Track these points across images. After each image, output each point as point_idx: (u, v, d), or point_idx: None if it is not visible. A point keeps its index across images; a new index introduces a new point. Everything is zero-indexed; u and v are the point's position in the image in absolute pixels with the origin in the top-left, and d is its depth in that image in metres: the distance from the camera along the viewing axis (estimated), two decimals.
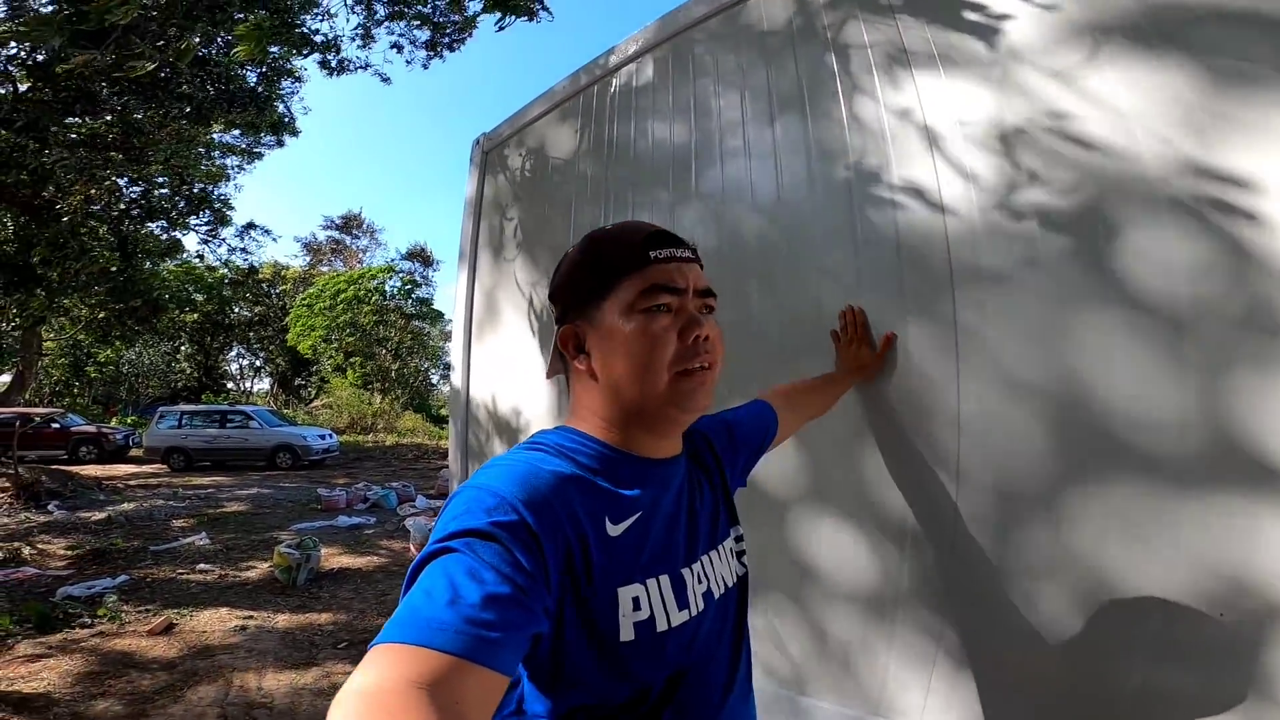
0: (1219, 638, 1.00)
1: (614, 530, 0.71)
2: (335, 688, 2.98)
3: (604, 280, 0.76)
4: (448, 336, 28.26)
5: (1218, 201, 1.04)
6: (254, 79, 7.45)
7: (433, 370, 28.73)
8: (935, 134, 1.39)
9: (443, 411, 25.91)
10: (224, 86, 6.93)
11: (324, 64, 5.89)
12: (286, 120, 8.52)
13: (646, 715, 0.70)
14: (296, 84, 8.36)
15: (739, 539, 0.89)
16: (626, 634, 0.67)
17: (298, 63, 7.84)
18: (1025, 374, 1.23)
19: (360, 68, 6.15)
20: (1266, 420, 0.98)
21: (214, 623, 4.02)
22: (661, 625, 0.70)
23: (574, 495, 0.69)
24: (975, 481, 1.27)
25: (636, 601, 0.69)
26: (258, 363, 30.29)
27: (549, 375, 0.86)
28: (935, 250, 1.36)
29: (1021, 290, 1.24)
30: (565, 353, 0.80)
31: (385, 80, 6.76)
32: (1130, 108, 1.14)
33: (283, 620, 4.10)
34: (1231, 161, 1.03)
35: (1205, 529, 1.02)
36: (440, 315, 26.96)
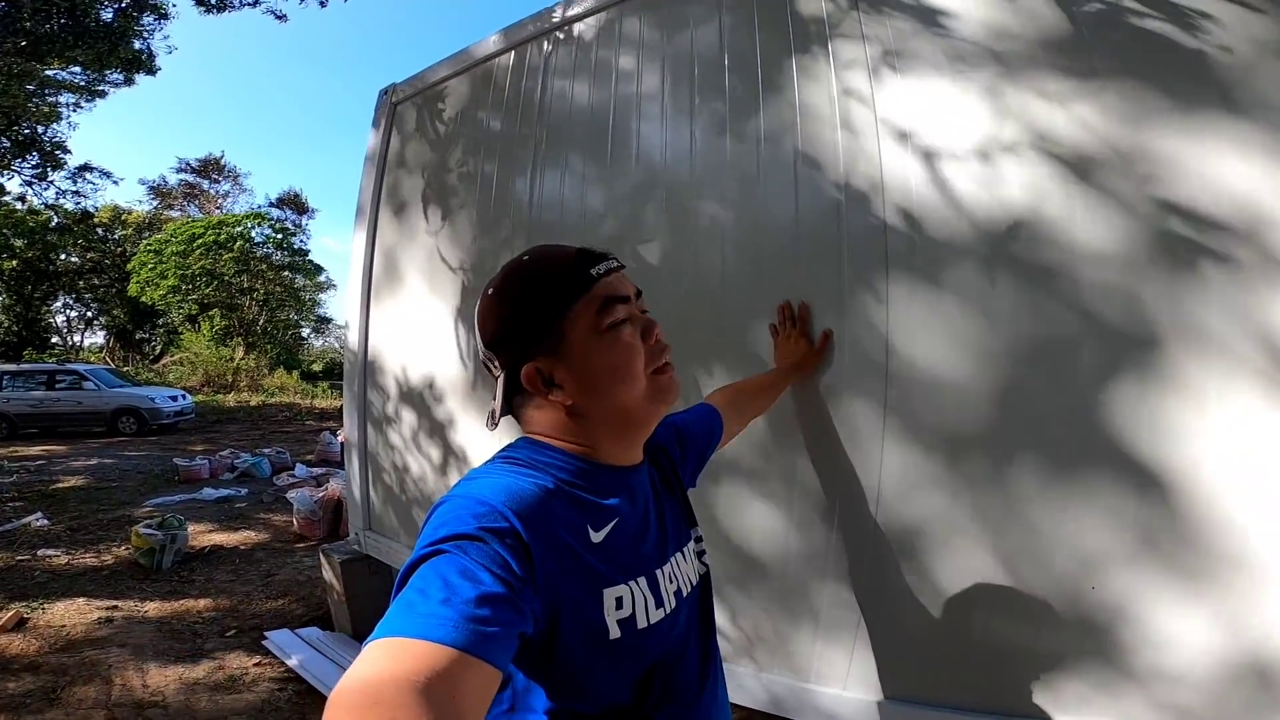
0: (1090, 605, 1.24)
1: (596, 537, 0.74)
2: (235, 682, 2.86)
3: (556, 311, 0.77)
4: (322, 288, 26.42)
5: (1126, 221, 1.22)
6: (109, 14, 6.46)
7: (304, 324, 26.85)
8: (883, 127, 1.49)
9: (315, 368, 24.37)
10: (70, 20, 5.95)
11: (200, 0, 5.21)
12: (145, 57, 7.46)
13: (632, 708, 0.74)
14: (160, 20, 7.31)
15: (698, 539, 0.95)
16: (614, 632, 0.71)
17: None
18: (947, 371, 1.39)
19: (249, 4, 5.50)
20: (1140, 423, 1.20)
21: (72, 615, 3.67)
22: (642, 623, 0.75)
23: (557, 507, 0.72)
24: (896, 470, 1.44)
25: (620, 601, 0.73)
26: (89, 314, 26.86)
27: (495, 423, 0.82)
28: (874, 248, 1.48)
29: (948, 293, 1.39)
30: (535, 392, 0.78)
31: (280, 18, 6.09)
32: (1058, 127, 1.30)
33: (153, 609, 3.80)
34: (1142, 187, 1.21)
35: (1084, 515, 1.24)
36: (317, 267, 25.13)
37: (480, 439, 2.35)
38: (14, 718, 2.56)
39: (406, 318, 2.76)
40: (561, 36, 2.25)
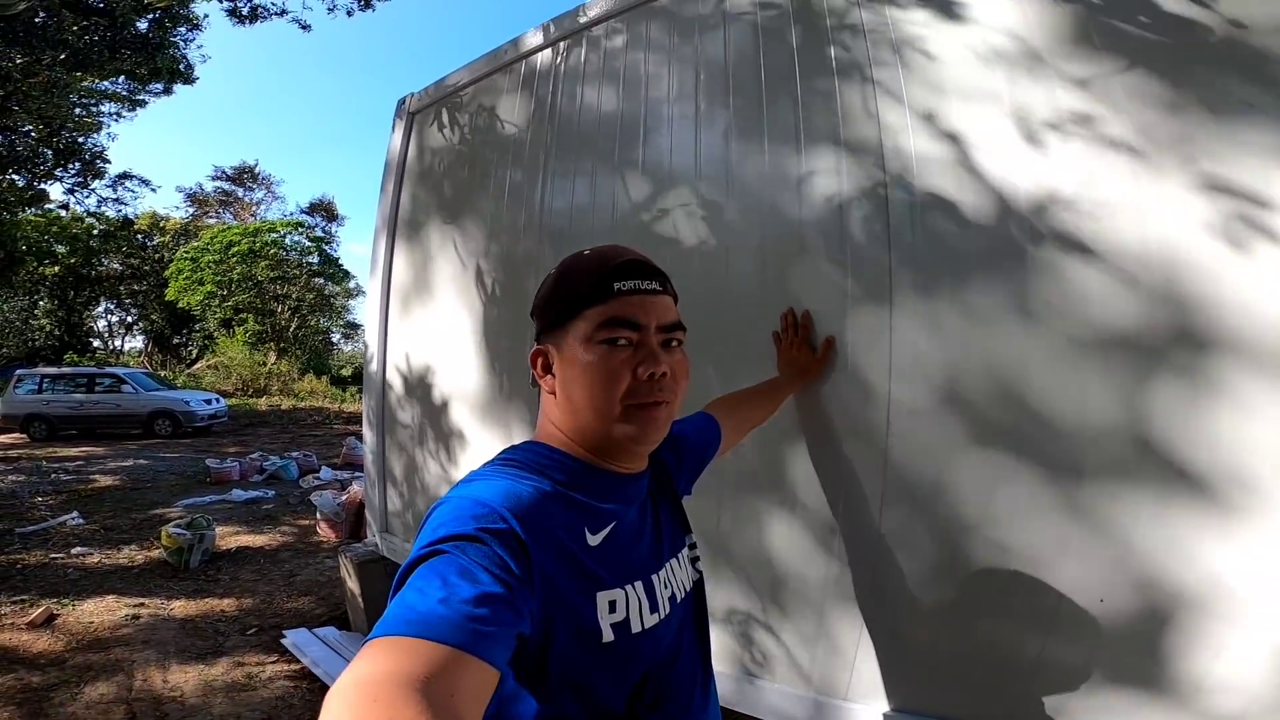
0: (1099, 617, 1.20)
1: (593, 540, 0.75)
2: (252, 680, 2.90)
3: (568, 308, 0.78)
4: (351, 294, 26.95)
5: (1149, 221, 1.17)
6: (144, 25, 6.69)
7: (334, 329, 27.44)
8: (889, 136, 1.47)
9: (344, 373, 24.83)
10: (109, 33, 6.17)
11: (233, 11, 5.38)
12: (182, 68, 7.73)
13: (625, 713, 0.74)
14: (195, 30, 7.57)
15: (692, 547, 0.95)
16: (607, 636, 0.71)
17: (199, 8, 7.13)
18: (952, 379, 1.35)
19: (276, 14, 5.68)
20: (1164, 436, 1.15)
21: (100, 612, 3.76)
22: (636, 627, 0.74)
23: (554, 509, 0.72)
24: (900, 479, 1.41)
25: (613, 605, 0.73)
26: (129, 319, 27.70)
27: (533, 385, 0.88)
28: (878, 256, 1.46)
29: (953, 300, 1.36)
30: (534, 368, 0.83)
31: (305, 28, 6.27)
32: (1076, 123, 1.25)
33: (179, 607, 3.89)
34: (1164, 187, 1.16)
35: (1094, 524, 1.20)
36: (347, 274, 25.66)
37: (493, 446, 2.35)
38: (35, 710, 2.63)
39: (424, 326, 2.79)
40: (577, 43, 2.25)
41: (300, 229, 24.42)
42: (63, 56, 6.35)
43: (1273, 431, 1.06)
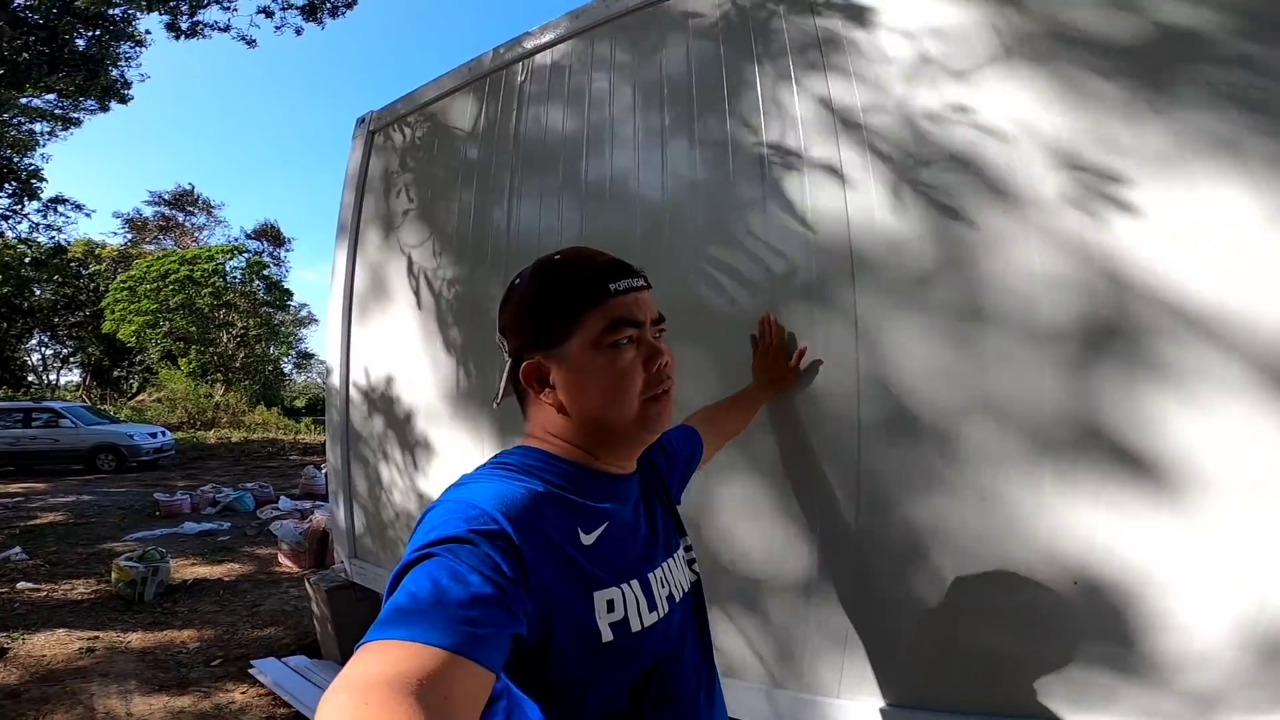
0: (1072, 602, 1.26)
1: (587, 540, 0.75)
2: (222, 711, 2.84)
3: (565, 317, 0.78)
4: (302, 322, 26.30)
5: (1090, 216, 1.27)
6: (83, 42, 6.54)
7: (285, 359, 26.66)
8: (843, 139, 1.56)
9: (297, 403, 24.16)
10: (45, 49, 6.01)
11: (171, 26, 5.32)
12: (120, 85, 7.57)
13: (629, 714, 0.74)
14: (137, 47, 7.43)
15: (688, 549, 0.96)
16: (606, 635, 0.71)
17: (142, 24, 7.01)
18: (918, 376, 1.43)
19: (220, 29, 5.64)
20: (1116, 421, 1.24)
21: (52, 645, 3.61)
22: (635, 626, 0.74)
23: (547, 510, 0.72)
24: (874, 476, 1.47)
25: (611, 604, 0.73)
26: (65, 352, 26.47)
27: (499, 403, 0.88)
28: (839, 258, 1.54)
29: (914, 299, 1.44)
30: (529, 388, 0.82)
31: (250, 43, 6.23)
32: (1017, 126, 1.36)
33: (136, 639, 3.75)
34: (1104, 182, 1.26)
35: (1063, 514, 1.27)
36: (290, 295, 25.01)
37: (465, 464, 2.33)
38: None
39: (387, 345, 2.76)
40: (534, 63, 2.31)
41: (241, 254, 23.81)
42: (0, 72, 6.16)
43: (1218, 423, 1.16)
